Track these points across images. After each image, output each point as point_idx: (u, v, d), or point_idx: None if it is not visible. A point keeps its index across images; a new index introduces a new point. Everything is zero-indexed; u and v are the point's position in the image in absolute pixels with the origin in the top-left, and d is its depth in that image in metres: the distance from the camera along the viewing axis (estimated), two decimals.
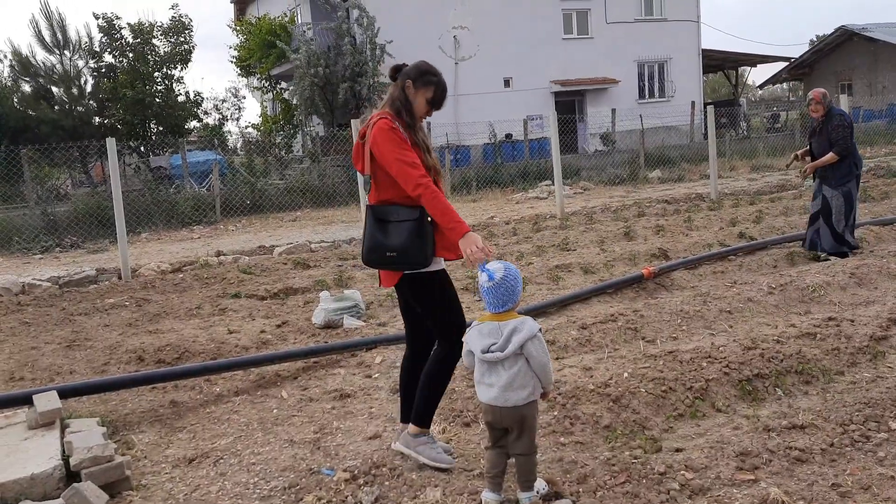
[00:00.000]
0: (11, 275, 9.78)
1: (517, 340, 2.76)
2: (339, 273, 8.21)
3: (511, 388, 2.80)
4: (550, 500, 2.91)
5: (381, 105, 3.22)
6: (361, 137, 3.17)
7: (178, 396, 4.53)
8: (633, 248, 8.47)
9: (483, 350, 2.82)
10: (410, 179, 2.98)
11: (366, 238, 3.13)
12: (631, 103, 27.78)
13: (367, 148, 3.09)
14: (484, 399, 2.89)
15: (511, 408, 2.81)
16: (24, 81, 20.91)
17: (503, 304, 2.85)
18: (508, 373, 2.80)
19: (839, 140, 6.99)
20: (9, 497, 3.07)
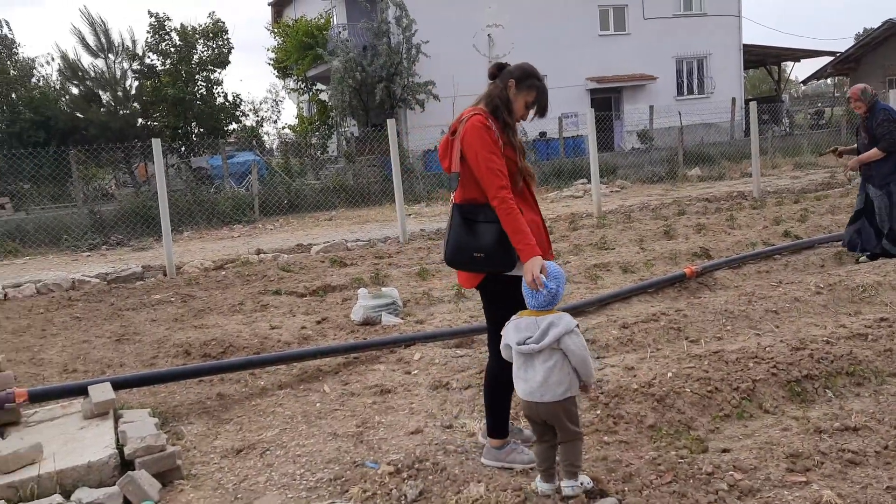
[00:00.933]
0: (62, 271, 10.06)
1: (554, 334, 2.79)
2: (376, 271, 8.27)
3: (547, 384, 2.83)
4: (595, 499, 2.90)
5: (476, 101, 3.14)
6: (452, 133, 3.09)
7: (225, 389, 4.62)
8: (673, 247, 8.38)
9: (518, 342, 2.85)
10: (492, 187, 2.92)
11: (451, 237, 3.03)
12: (669, 100, 27.43)
13: (458, 144, 3.01)
14: (521, 394, 2.92)
15: (547, 403, 2.85)
16: (72, 84, 21.45)
17: (545, 305, 2.89)
18: (544, 367, 2.82)
19: (885, 135, 6.79)
20: (67, 483, 3.16)
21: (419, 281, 7.72)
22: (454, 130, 3.09)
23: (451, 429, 3.71)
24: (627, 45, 27.79)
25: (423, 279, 7.81)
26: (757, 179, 13.54)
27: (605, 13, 27.87)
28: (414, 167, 19.97)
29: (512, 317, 2.97)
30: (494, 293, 3.12)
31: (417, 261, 9.03)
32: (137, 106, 21.61)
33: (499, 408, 3.21)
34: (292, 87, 28.76)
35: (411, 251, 9.83)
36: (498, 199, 2.92)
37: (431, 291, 6.91)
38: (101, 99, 21.27)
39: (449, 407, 4.01)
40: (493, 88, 3.12)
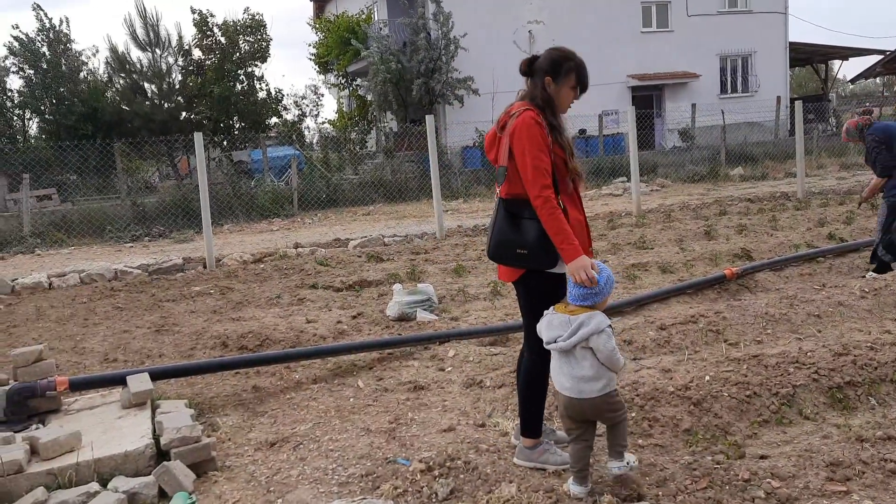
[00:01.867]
0: (105, 262, 10.29)
1: (583, 333, 2.81)
2: (412, 267, 8.28)
3: (585, 381, 2.86)
4: (631, 502, 2.86)
5: (519, 97, 3.09)
6: (501, 128, 3.04)
7: (260, 382, 4.67)
8: (714, 248, 8.23)
9: (548, 341, 2.88)
10: (535, 186, 2.89)
11: (494, 232, 3.02)
12: (712, 98, 26.94)
13: (506, 139, 2.97)
14: (562, 391, 2.94)
15: (587, 399, 2.87)
16: (119, 77, 21.90)
17: (584, 300, 2.89)
18: (581, 364, 2.85)
19: (875, 160, 6.49)
20: (104, 471, 3.23)
21: (455, 277, 7.71)
22: (503, 124, 3.04)
23: (484, 427, 3.70)
24: (670, 43, 27.36)
25: (459, 276, 7.80)
26: (801, 180, 13.23)
27: (648, 10, 27.47)
28: (452, 163, 19.97)
29: (546, 312, 2.97)
30: (534, 289, 3.09)
31: (454, 257, 9.03)
32: (181, 100, 21.98)
33: (534, 406, 3.20)
34: (333, 83, 28.96)
35: (448, 247, 9.83)
36: (542, 198, 2.89)
37: (467, 288, 6.89)
38: (147, 92, 21.68)
39: (482, 405, 4.00)
40: (531, 88, 3.08)
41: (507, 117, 3.04)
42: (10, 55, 21.44)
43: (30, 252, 12.98)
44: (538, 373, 3.14)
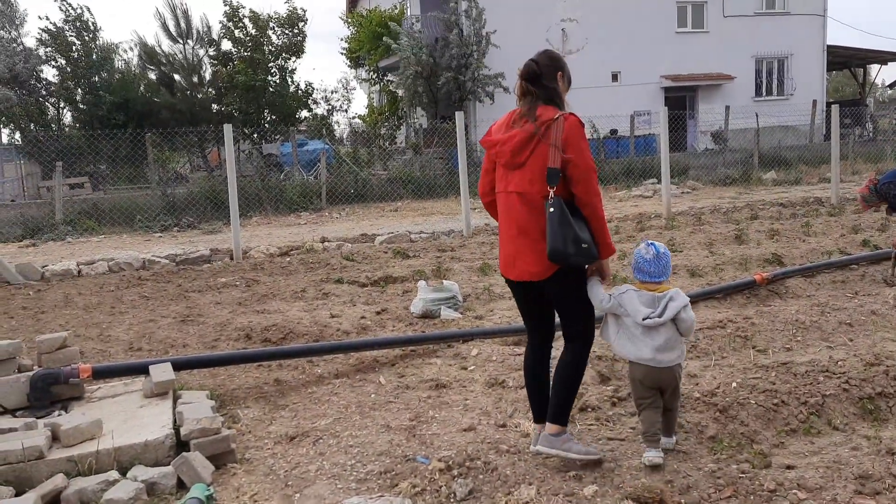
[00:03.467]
0: (134, 251, 10.42)
1: (673, 307, 3.15)
2: (438, 264, 8.25)
3: (664, 351, 3.18)
4: None
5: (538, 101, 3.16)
6: (530, 134, 3.11)
7: (282, 375, 4.67)
8: (744, 252, 8.08)
9: (644, 317, 3.16)
10: (591, 184, 3.08)
11: (556, 229, 3.02)
12: (746, 101, 26.54)
13: (555, 143, 3.05)
14: (639, 361, 3.21)
15: (665, 368, 3.19)
16: (150, 69, 22.19)
17: (661, 275, 3.23)
18: (663, 336, 3.17)
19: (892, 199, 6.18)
20: (124, 460, 3.24)
21: (480, 276, 7.67)
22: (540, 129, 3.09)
23: (505, 428, 3.66)
24: (705, 44, 27.00)
25: (485, 274, 7.75)
26: (836, 185, 12.96)
27: (684, 10, 27.14)
28: (481, 161, 19.87)
29: (625, 288, 3.26)
30: (574, 281, 3.20)
31: (480, 255, 8.98)
32: (212, 91, 22.20)
33: (573, 393, 3.29)
34: (364, 78, 29.05)
35: (474, 245, 9.78)
36: (596, 194, 3.10)
37: (492, 287, 6.84)
38: (178, 83, 21.94)
39: (504, 405, 3.96)
40: (544, 91, 3.18)
41: (545, 123, 3.09)
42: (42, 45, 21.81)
43: (61, 239, 13.20)
44: (584, 360, 3.28)
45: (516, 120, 3.20)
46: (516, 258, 3.19)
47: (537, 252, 3.10)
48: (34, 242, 13.01)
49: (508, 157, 3.17)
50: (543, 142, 3.08)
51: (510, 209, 3.21)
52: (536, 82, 3.18)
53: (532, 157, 3.11)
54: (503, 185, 3.24)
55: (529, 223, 3.13)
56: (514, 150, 3.16)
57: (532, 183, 3.11)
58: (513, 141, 3.16)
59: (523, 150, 3.14)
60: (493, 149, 3.26)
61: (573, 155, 3.04)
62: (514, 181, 3.17)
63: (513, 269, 3.22)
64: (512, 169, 3.18)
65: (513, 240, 3.20)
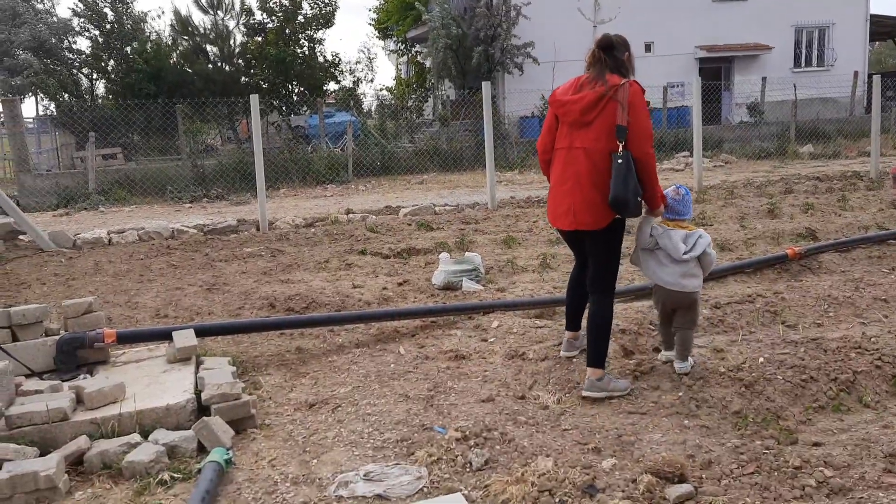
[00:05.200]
0: (163, 220, 10.53)
1: (702, 244, 3.71)
2: (462, 236, 8.20)
3: (687, 277, 3.72)
4: (670, 484, 2.75)
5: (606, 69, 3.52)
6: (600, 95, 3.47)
7: (304, 343, 4.69)
8: (777, 227, 7.90)
9: (684, 252, 3.66)
10: (647, 144, 3.49)
11: (625, 178, 3.42)
12: (784, 72, 25.78)
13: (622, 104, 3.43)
14: (664, 285, 3.74)
15: (687, 293, 3.74)
16: (183, 40, 22.25)
17: (687, 214, 3.76)
18: (688, 266, 3.71)
19: None
20: (146, 423, 3.28)
21: (504, 248, 7.61)
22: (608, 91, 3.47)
23: (524, 400, 3.62)
24: (743, 13, 26.21)
25: (509, 247, 7.68)
26: (875, 159, 12.59)
27: None
28: (509, 133, 19.68)
29: (661, 229, 3.71)
30: (618, 232, 3.64)
31: (504, 228, 8.91)
32: (242, 63, 22.19)
33: (607, 339, 3.72)
34: (392, 49, 28.85)
35: (499, 218, 9.70)
36: (652, 155, 3.52)
37: (516, 260, 6.78)
38: (209, 54, 21.97)
39: (523, 377, 3.92)
40: (613, 62, 3.57)
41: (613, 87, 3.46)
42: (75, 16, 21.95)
43: (94, 209, 13.40)
44: (610, 309, 3.71)
45: (584, 84, 3.57)
46: (572, 209, 3.57)
47: (593, 204, 3.52)
48: (68, 211, 13.22)
49: (577, 115, 3.54)
50: (612, 103, 3.46)
51: (572, 163, 3.59)
52: (609, 51, 3.56)
53: (600, 117, 3.49)
54: (567, 141, 3.61)
55: (590, 177, 3.52)
56: (583, 109, 3.53)
57: (598, 140, 3.50)
58: (583, 101, 3.53)
59: (592, 110, 3.50)
60: (560, 108, 3.63)
61: (634, 115, 3.44)
62: (579, 138, 3.56)
63: (565, 219, 3.63)
64: (579, 127, 3.55)
65: (570, 192, 3.59)
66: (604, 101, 3.46)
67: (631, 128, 3.42)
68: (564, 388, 3.75)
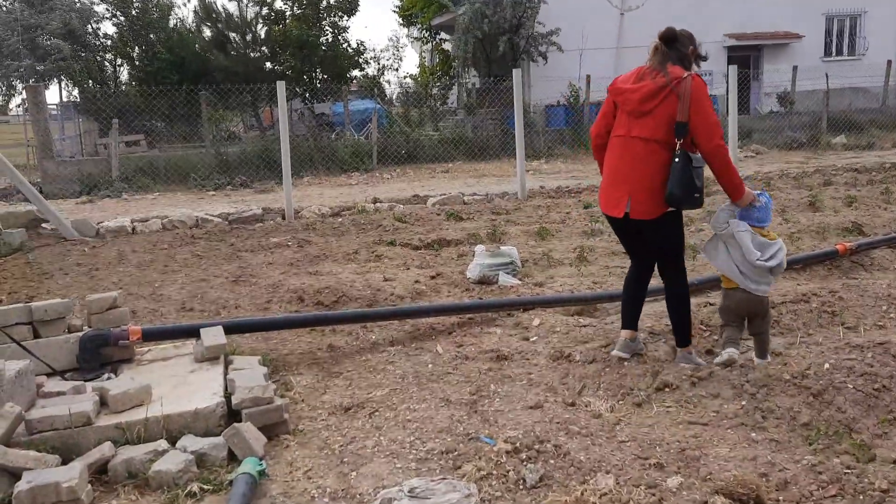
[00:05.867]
0: (187, 209, 10.38)
1: (779, 258, 3.66)
2: (493, 227, 7.96)
3: (757, 281, 3.68)
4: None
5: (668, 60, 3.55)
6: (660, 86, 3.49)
7: (336, 340, 4.48)
8: (821, 220, 7.57)
9: (758, 259, 3.61)
10: (715, 137, 3.46)
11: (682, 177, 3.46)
12: (814, 61, 25.13)
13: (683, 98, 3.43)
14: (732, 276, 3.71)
15: (761, 297, 3.71)
16: (206, 27, 22.10)
17: (765, 221, 3.70)
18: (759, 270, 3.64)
19: None
20: (173, 429, 3.09)
21: (538, 240, 7.36)
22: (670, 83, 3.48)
23: (574, 407, 3.39)
24: (773, 1, 25.60)
25: (543, 238, 7.43)
26: None
27: None
28: (535, 122, 19.35)
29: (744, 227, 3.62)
30: (677, 224, 3.69)
31: (537, 219, 8.65)
32: (265, 50, 22.00)
33: (686, 319, 3.83)
34: (416, 36, 28.51)
35: (530, 209, 9.44)
36: (722, 147, 3.51)
37: (551, 253, 6.53)
38: (232, 42, 21.81)
39: (571, 381, 3.68)
40: (676, 54, 3.58)
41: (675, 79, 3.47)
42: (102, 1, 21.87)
43: (117, 196, 13.30)
44: (685, 289, 3.82)
45: (645, 74, 3.58)
46: (626, 198, 3.57)
47: (649, 193, 3.53)
48: (91, 199, 13.14)
49: (636, 104, 3.55)
50: (672, 95, 3.46)
51: (629, 152, 3.59)
52: (672, 44, 3.58)
53: (659, 108, 3.50)
54: (624, 130, 3.61)
55: (646, 167, 3.53)
56: (642, 98, 3.53)
57: (656, 130, 3.51)
58: (642, 90, 3.54)
59: (652, 100, 3.51)
60: (619, 96, 3.64)
61: (698, 112, 3.43)
62: (637, 127, 3.56)
63: (618, 207, 3.62)
64: (637, 116, 3.55)
65: (626, 181, 3.60)
66: (664, 92, 3.48)
67: (697, 123, 3.43)
68: (616, 393, 3.51)
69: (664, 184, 3.49)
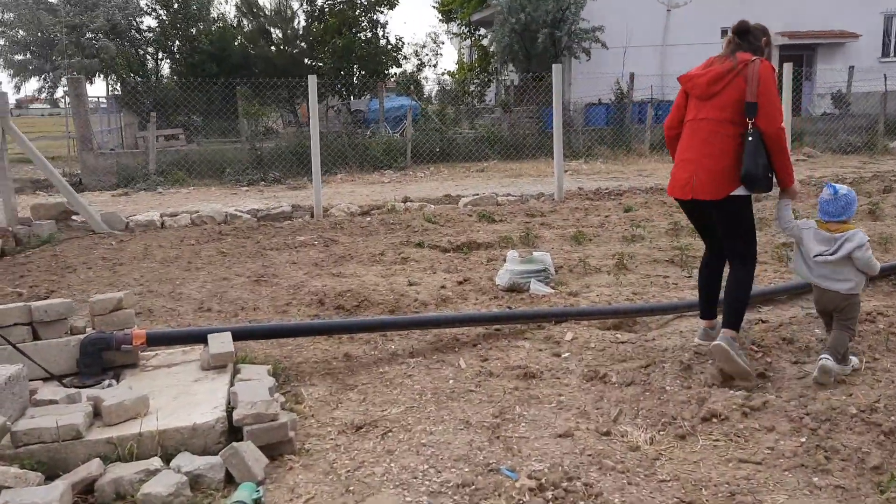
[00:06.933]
0: (218, 204, 10.25)
1: (847, 248, 3.44)
2: (527, 230, 7.62)
3: (834, 279, 3.52)
4: None
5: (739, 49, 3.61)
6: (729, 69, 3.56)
7: (353, 349, 4.21)
8: (882, 230, 7.08)
9: (815, 255, 3.52)
10: (777, 121, 3.49)
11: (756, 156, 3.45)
12: (871, 61, 24.14)
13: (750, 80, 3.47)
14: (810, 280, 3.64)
15: (833, 292, 3.53)
16: (248, 19, 22.09)
17: (840, 215, 3.49)
18: (837, 268, 3.50)
19: None
20: (169, 445, 2.84)
21: (574, 245, 7.00)
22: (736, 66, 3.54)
23: (609, 437, 3.05)
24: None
25: (579, 243, 7.08)
26: None
27: None
28: (574, 120, 18.90)
29: (810, 224, 3.62)
30: (746, 206, 3.65)
31: (574, 222, 8.29)
32: (304, 45, 21.90)
33: (742, 307, 3.73)
34: (455, 32, 28.23)
35: (566, 211, 9.08)
36: (782, 130, 3.50)
37: (588, 259, 6.17)
38: (272, 36, 21.77)
39: (606, 406, 3.34)
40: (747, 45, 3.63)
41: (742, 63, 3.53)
42: None
43: (153, 189, 13.29)
44: (748, 278, 3.74)
45: (714, 60, 3.67)
46: (692, 178, 3.61)
47: (717, 173, 3.55)
48: (126, 192, 13.15)
49: (704, 88, 3.63)
50: (739, 77, 3.52)
51: (697, 134, 3.66)
52: (744, 36, 3.65)
53: (726, 90, 3.56)
54: (694, 114, 3.70)
55: (714, 147, 3.57)
56: (709, 81, 3.61)
57: (723, 111, 3.57)
58: (709, 74, 3.63)
59: (719, 82, 3.59)
60: (688, 83, 3.73)
61: (765, 93, 3.47)
62: (705, 109, 3.64)
63: (685, 188, 3.67)
64: (705, 99, 3.63)
65: (692, 161, 3.64)
66: (731, 74, 3.55)
67: (763, 105, 3.46)
68: (657, 423, 3.16)
69: (731, 165, 3.52)
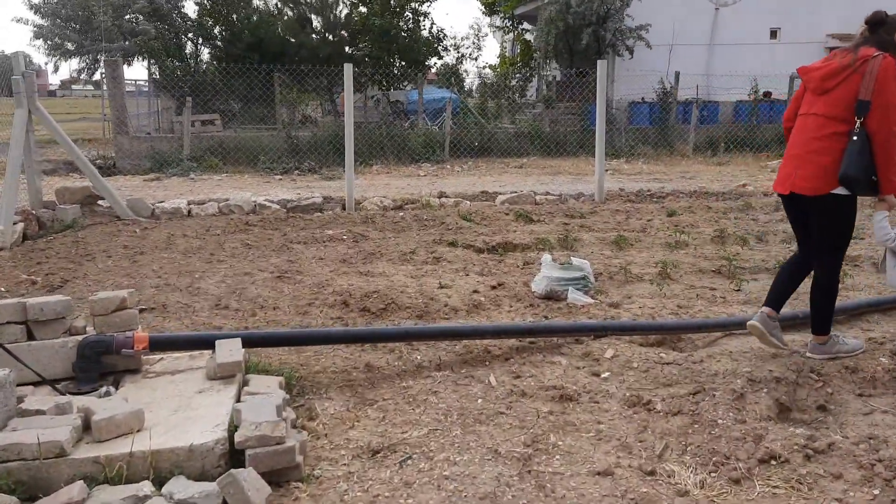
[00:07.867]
0: (249, 192, 10.04)
1: None
2: (565, 232, 7.25)
3: None
4: None
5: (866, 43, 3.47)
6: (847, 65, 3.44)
7: (375, 359, 3.91)
8: None
9: None
10: (889, 123, 3.33)
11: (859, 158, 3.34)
12: None
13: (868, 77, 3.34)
14: None
15: None
16: (288, 8, 21.94)
17: None
18: None
19: None
20: (163, 467, 2.57)
21: (615, 250, 6.62)
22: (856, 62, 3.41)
23: (654, 477, 2.70)
24: None
25: (620, 248, 6.69)
26: None
27: None
28: (616, 119, 18.38)
29: None
30: (841, 208, 3.52)
31: (615, 225, 7.89)
32: (345, 34, 21.67)
33: (827, 310, 3.71)
34: (497, 25, 27.76)
35: (607, 213, 8.68)
36: (893, 134, 3.33)
37: (630, 266, 5.79)
38: (313, 24, 21.59)
39: (650, 438, 2.99)
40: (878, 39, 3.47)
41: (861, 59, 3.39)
42: None
43: (185, 175, 13.17)
44: (831, 283, 3.69)
45: (836, 54, 3.55)
46: (793, 172, 3.56)
47: (815, 168, 3.47)
48: (159, 176, 13.05)
49: (818, 82, 3.55)
50: (855, 75, 3.39)
51: (805, 129, 3.57)
52: (875, 29, 3.50)
53: (841, 86, 3.45)
54: (806, 108, 3.62)
55: (817, 143, 3.49)
56: (824, 76, 3.52)
57: (834, 107, 3.46)
58: (825, 68, 3.53)
59: (833, 78, 3.48)
60: (805, 75, 3.65)
61: (882, 92, 3.32)
62: (817, 104, 3.55)
63: (785, 182, 3.61)
64: (819, 94, 3.54)
65: (796, 156, 3.59)
66: (847, 70, 3.44)
67: (878, 104, 3.33)
68: (708, 462, 2.80)
69: (833, 163, 3.41)
